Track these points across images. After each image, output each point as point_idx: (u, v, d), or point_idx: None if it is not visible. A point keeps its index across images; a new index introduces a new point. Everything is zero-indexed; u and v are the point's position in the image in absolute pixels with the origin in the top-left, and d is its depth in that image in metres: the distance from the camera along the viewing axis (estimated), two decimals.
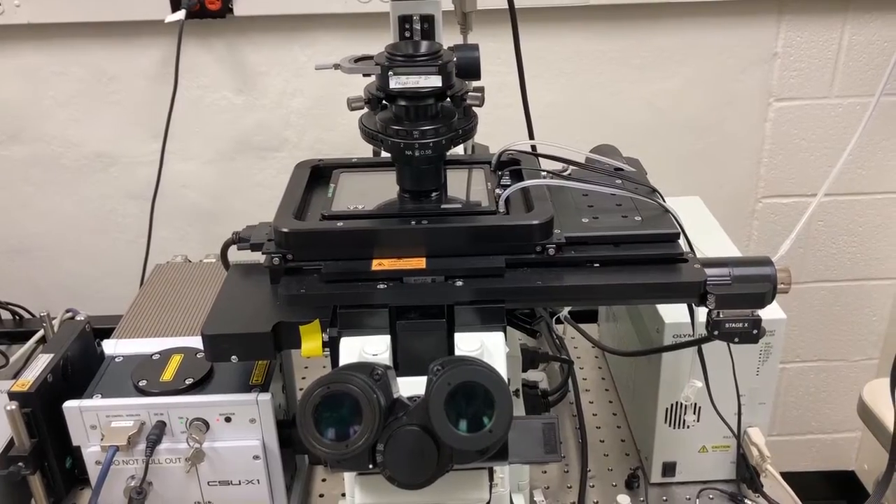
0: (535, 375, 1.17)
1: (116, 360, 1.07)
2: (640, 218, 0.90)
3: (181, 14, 1.66)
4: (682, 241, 0.89)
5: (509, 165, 1.00)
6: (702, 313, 0.86)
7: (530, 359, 1.13)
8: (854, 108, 1.84)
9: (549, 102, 1.78)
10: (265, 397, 0.97)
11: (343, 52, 0.91)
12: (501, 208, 0.89)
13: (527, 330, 0.91)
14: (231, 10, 1.70)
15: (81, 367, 1.06)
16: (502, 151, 0.97)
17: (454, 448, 0.51)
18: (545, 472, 1.19)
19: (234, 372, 1.02)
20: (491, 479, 0.75)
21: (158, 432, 0.97)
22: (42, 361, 1.02)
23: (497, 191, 0.91)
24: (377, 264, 0.85)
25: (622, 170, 0.99)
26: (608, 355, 1.42)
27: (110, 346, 1.09)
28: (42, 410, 1.01)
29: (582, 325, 1.36)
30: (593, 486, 1.16)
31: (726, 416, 1.07)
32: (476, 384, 0.49)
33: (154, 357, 1.05)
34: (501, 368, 0.84)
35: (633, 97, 1.81)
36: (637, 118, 1.82)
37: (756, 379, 1.08)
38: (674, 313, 1.05)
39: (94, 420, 0.97)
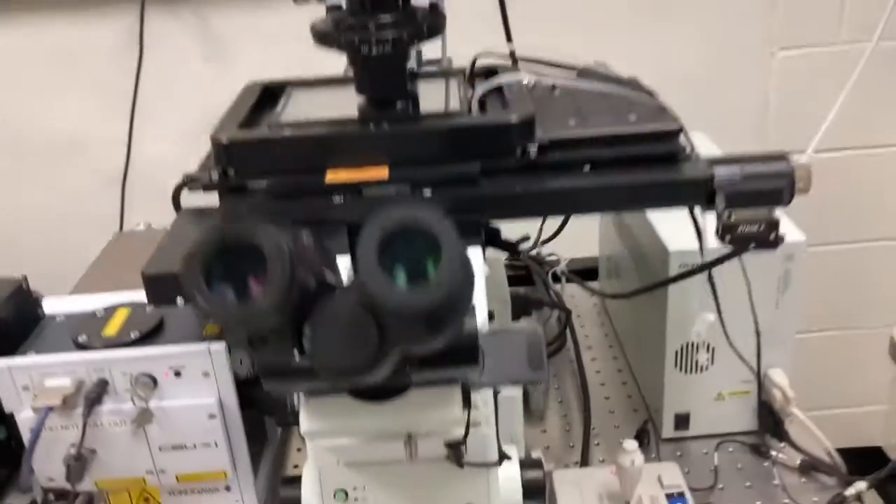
0: (528, 326, 1.05)
1: (57, 319, 0.96)
2: (635, 117, 0.78)
3: None
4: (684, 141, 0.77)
5: (486, 76, 0.89)
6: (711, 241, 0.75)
7: (522, 305, 1.02)
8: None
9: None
10: (219, 346, 0.85)
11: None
12: (475, 111, 0.78)
13: (510, 248, 0.80)
14: None
15: (17, 330, 0.94)
16: (476, 58, 0.85)
17: (395, 313, 0.39)
18: (545, 430, 1.07)
19: (188, 325, 0.91)
20: (467, 402, 0.63)
21: (99, 391, 0.85)
22: None
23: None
24: (332, 176, 0.73)
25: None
26: (611, 311, 1.30)
27: (51, 306, 0.97)
28: None
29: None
30: (598, 444, 1.04)
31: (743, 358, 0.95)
32: (415, 227, 0.38)
33: (98, 314, 0.93)
34: (480, 291, 0.73)
35: (624, 54, 1.70)
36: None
37: (775, 313, 0.96)
38: (679, 240, 0.94)
39: (26, 380, 0.86)
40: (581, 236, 1.36)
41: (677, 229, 0.95)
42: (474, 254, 0.72)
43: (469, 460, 0.73)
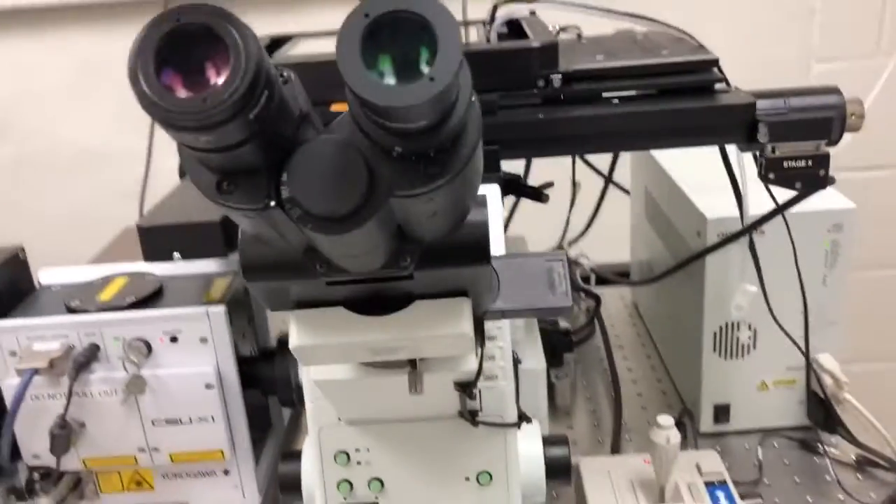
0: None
1: (52, 288, 0.90)
2: (667, 51, 0.72)
3: None
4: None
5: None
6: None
7: None
8: None
9: None
10: (218, 309, 0.79)
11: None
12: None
13: (533, 194, 0.73)
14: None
15: (9, 298, 0.88)
16: (496, 4, 0.80)
17: (383, 113, 0.33)
18: (571, 426, 0.98)
19: (188, 291, 0.85)
20: (480, 334, 0.56)
21: (89, 355, 0.79)
22: None
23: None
24: (337, 108, 0.68)
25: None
26: (644, 312, 1.22)
27: (47, 276, 0.92)
28: None
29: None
30: (630, 440, 0.95)
31: (789, 345, 0.86)
32: (407, 12, 0.32)
33: (95, 283, 0.88)
34: (497, 231, 0.66)
35: None
36: None
37: (823, 291, 0.88)
38: (716, 207, 0.86)
39: (12, 343, 0.80)
40: (611, 238, 1.30)
41: (713, 197, 0.88)
42: (491, 192, 0.66)
43: (484, 419, 0.65)
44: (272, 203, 0.38)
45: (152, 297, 0.84)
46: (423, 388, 0.55)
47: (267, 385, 0.87)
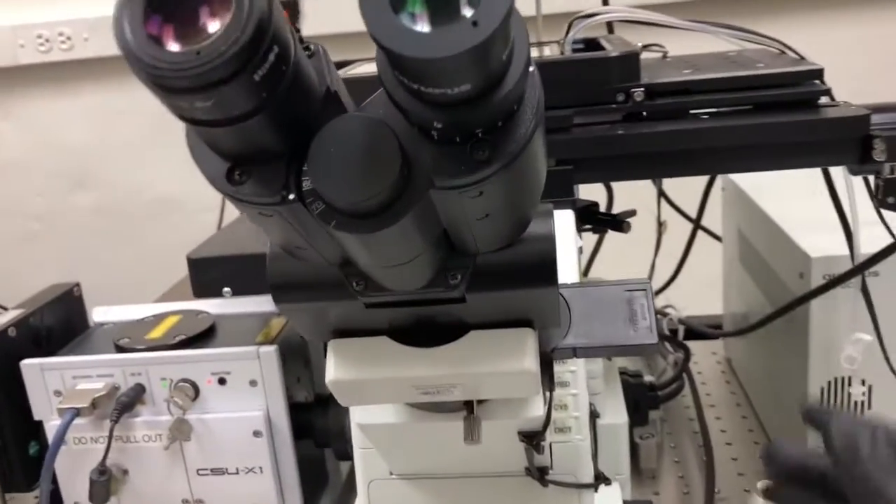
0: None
1: (105, 326, 0.87)
2: (763, 65, 0.65)
3: None
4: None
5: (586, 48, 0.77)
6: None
7: None
8: None
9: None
10: (269, 350, 0.73)
11: None
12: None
13: (613, 223, 0.65)
14: (299, 31, 1.58)
15: (62, 335, 0.85)
16: (572, 21, 0.74)
17: (416, 67, 0.26)
18: (658, 492, 0.88)
19: (243, 330, 0.80)
20: (549, 377, 0.48)
21: (133, 395, 0.74)
22: (7, 316, 0.82)
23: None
24: None
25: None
26: (738, 369, 1.11)
27: (101, 314, 0.89)
28: None
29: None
30: None
31: None
32: None
33: (146, 320, 0.84)
34: (571, 258, 0.59)
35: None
36: None
37: None
38: (821, 244, 0.77)
39: (58, 383, 0.76)
40: (701, 288, 1.20)
41: (817, 233, 0.78)
42: (564, 216, 0.59)
43: (555, 478, 0.57)
44: (291, 196, 0.32)
45: (203, 336, 0.79)
46: (482, 437, 0.47)
47: (321, 435, 0.81)
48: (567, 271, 0.56)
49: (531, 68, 0.30)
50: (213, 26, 0.26)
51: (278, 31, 0.27)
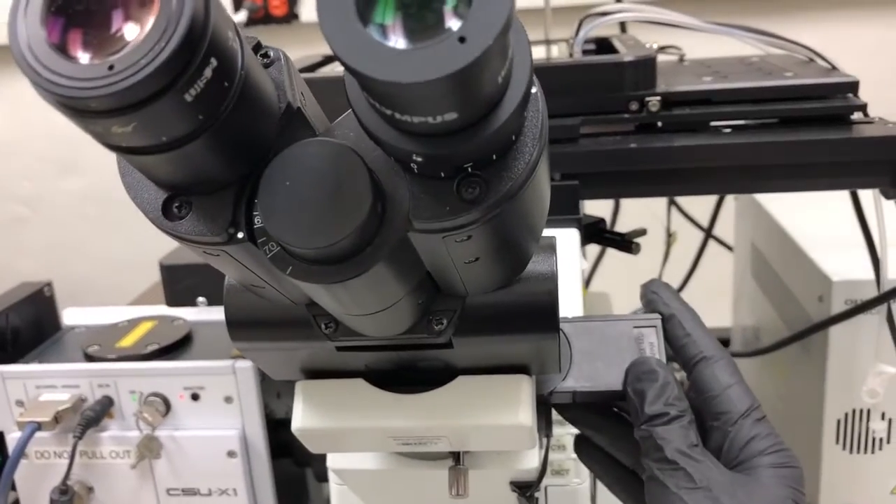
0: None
1: (75, 330, 0.81)
2: (791, 74, 0.59)
3: (242, 16, 1.50)
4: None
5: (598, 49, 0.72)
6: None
7: None
8: None
9: None
10: (246, 365, 0.68)
11: None
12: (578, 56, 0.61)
13: (621, 244, 0.60)
14: (297, 16, 1.53)
15: (29, 338, 0.80)
16: (583, 19, 0.68)
17: (389, 91, 0.21)
18: None
19: (221, 342, 0.74)
20: (546, 424, 0.43)
21: (100, 408, 0.69)
22: None
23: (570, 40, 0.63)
24: None
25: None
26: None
27: (72, 316, 0.83)
28: None
29: None
30: None
31: None
32: None
33: (120, 325, 0.78)
34: (574, 286, 0.54)
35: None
36: None
37: None
38: (844, 267, 0.71)
39: (20, 392, 0.71)
40: (709, 299, 1.14)
41: (840, 255, 0.73)
42: (568, 237, 0.53)
43: None
44: (240, 234, 0.26)
45: (177, 346, 0.74)
46: (469, 490, 0.42)
47: (301, 455, 0.76)
48: (568, 300, 0.51)
49: (534, 89, 0.25)
50: (131, 32, 0.20)
51: (218, 37, 0.22)
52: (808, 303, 0.76)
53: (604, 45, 0.67)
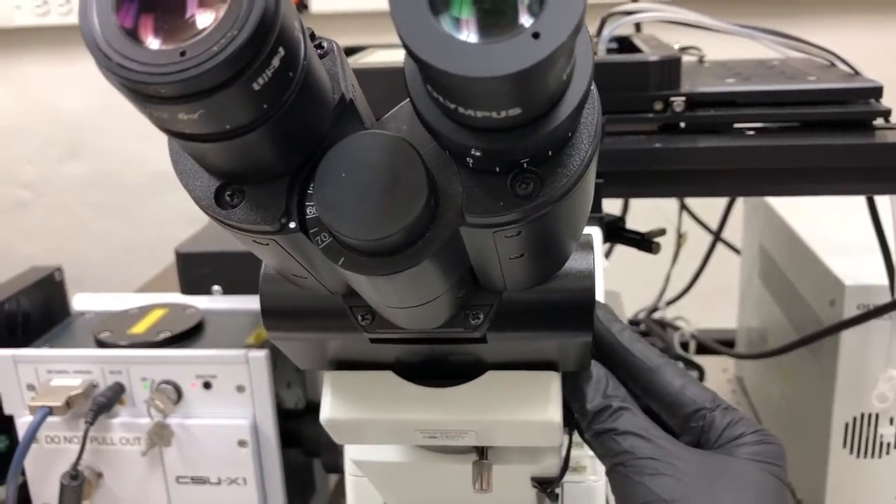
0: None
1: (86, 315, 0.81)
2: (814, 78, 0.59)
3: None
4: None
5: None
6: None
7: None
8: None
9: None
10: (259, 354, 0.68)
11: None
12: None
13: (640, 243, 0.60)
14: (306, 7, 1.52)
15: (39, 323, 0.80)
16: (605, 18, 0.68)
17: (461, 86, 0.21)
18: None
19: (232, 330, 0.74)
20: (570, 424, 0.43)
21: (111, 394, 0.69)
22: None
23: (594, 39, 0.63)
24: None
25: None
26: (751, 391, 1.06)
27: (82, 302, 0.83)
28: None
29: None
30: None
31: None
32: None
33: (131, 312, 0.78)
34: (599, 284, 0.54)
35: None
36: None
37: None
38: (856, 270, 0.72)
39: (31, 377, 0.71)
40: (715, 300, 1.15)
41: (852, 259, 0.73)
42: (592, 236, 0.53)
43: None
44: (292, 224, 0.26)
45: (189, 334, 0.74)
46: (492, 485, 0.42)
47: (311, 445, 0.76)
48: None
49: (592, 85, 0.25)
50: (204, 20, 0.21)
51: (286, 27, 0.22)
52: (819, 306, 0.76)
53: (626, 45, 0.67)
